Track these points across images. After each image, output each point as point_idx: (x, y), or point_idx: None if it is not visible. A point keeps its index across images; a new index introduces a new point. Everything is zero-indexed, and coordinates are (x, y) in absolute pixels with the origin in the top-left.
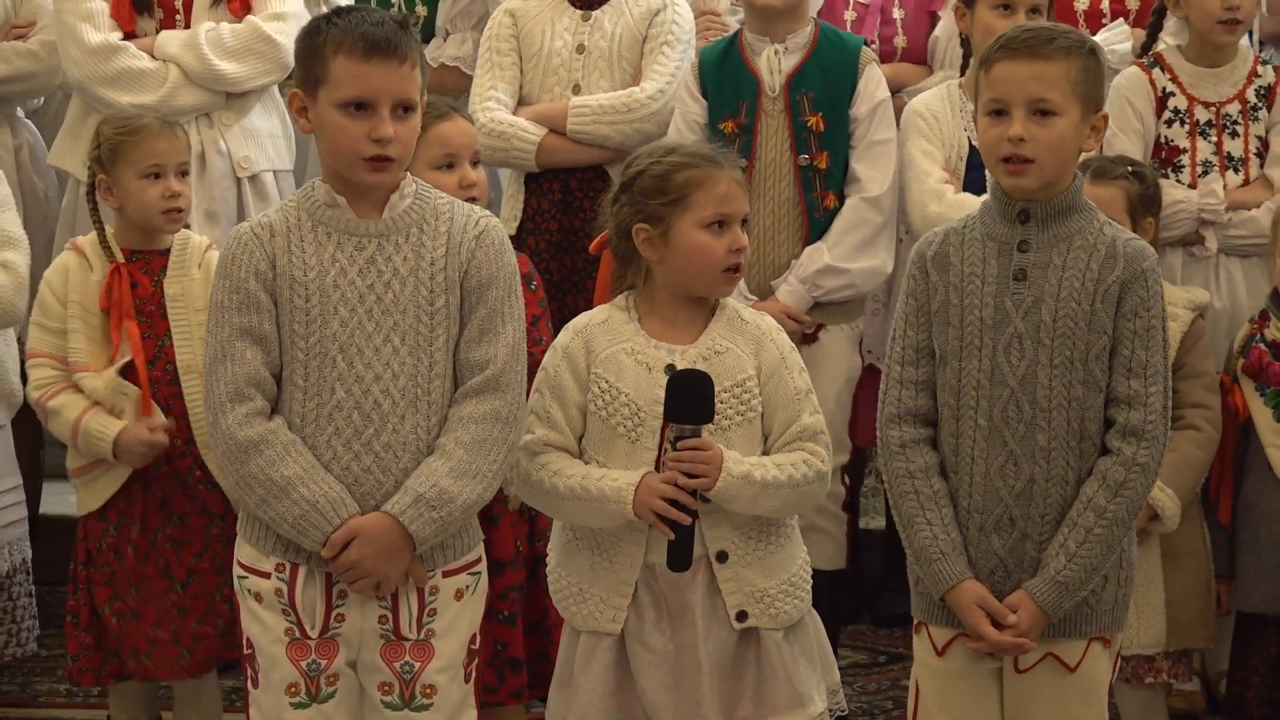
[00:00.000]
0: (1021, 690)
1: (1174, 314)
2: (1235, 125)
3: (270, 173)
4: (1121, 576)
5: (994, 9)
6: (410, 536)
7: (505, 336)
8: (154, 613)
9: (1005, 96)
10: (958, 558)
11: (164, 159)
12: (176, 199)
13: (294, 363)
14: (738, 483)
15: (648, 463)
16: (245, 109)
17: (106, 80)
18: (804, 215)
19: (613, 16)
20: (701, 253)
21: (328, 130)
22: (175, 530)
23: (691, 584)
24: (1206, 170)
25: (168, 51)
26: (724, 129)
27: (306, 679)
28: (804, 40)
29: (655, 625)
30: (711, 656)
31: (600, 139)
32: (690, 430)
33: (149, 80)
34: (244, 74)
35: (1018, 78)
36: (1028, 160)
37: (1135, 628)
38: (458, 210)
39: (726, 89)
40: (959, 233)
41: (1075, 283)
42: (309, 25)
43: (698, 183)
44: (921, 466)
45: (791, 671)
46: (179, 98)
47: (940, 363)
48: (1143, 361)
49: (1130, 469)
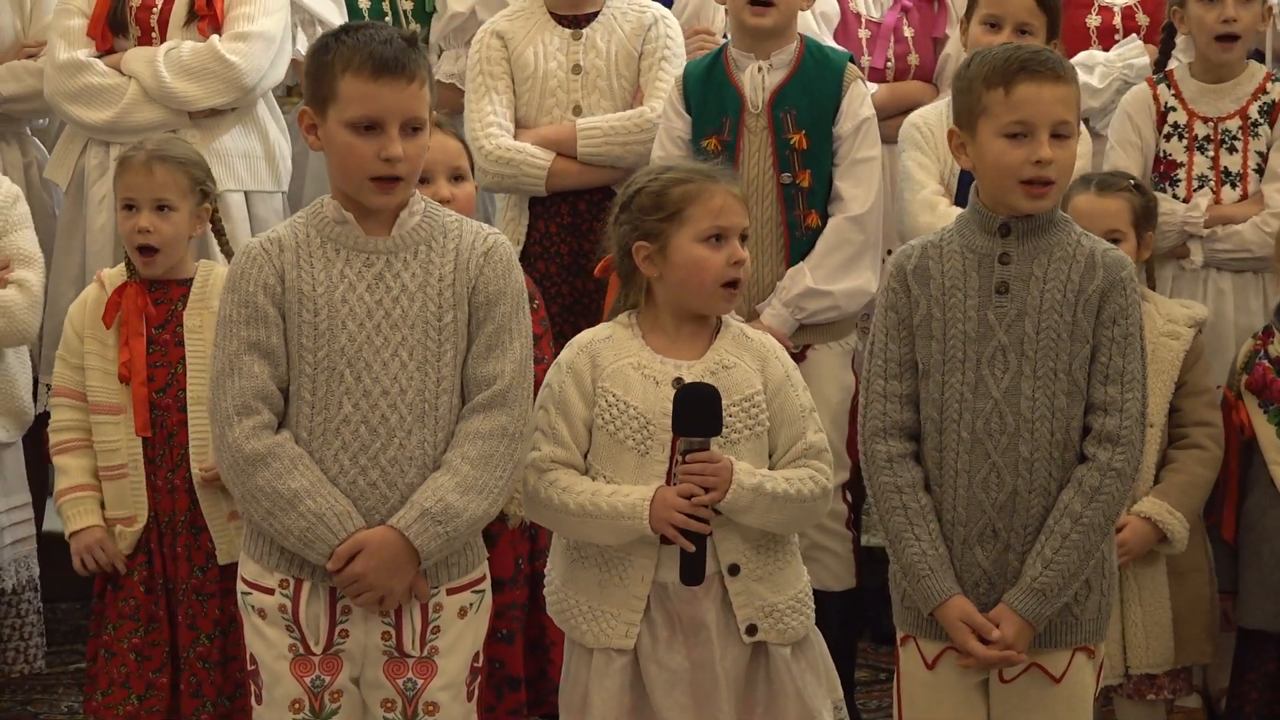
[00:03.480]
0: (1007, 701)
1: (1175, 331)
2: (1234, 141)
3: (239, 193)
4: (1104, 585)
5: (982, 24)
6: (415, 551)
7: (513, 352)
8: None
9: (1032, 119)
10: (945, 573)
11: (136, 193)
12: (145, 235)
13: (301, 377)
14: (749, 494)
15: (657, 476)
16: (215, 129)
17: (70, 95)
18: (785, 234)
19: (604, 34)
20: (698, 266)
21: (336, 149)
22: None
23: (705, 599)
24: (1202, 185)
25: (131, 68)
26: (707, 145)
27: (310, 695)
28: (788, 57)
29: (669, 643)
30: (728, 673)
31: (613, 160)
32: (699, 443)
33: (108, 96)
34: (195, 94)
35: (1044, 100)
36: (1050, 182)
37: (1144, 647)
38: (466, 227)
39: (710, 105)
40: (937, 246)
41: (1057, 294)
42: (318, 43)
43: (693, 197)
44: (908, 481)
45: (801, 687)
46: (135, 114)
47: (923, 376)
48: (1120, 368)
49: (1106, 474)
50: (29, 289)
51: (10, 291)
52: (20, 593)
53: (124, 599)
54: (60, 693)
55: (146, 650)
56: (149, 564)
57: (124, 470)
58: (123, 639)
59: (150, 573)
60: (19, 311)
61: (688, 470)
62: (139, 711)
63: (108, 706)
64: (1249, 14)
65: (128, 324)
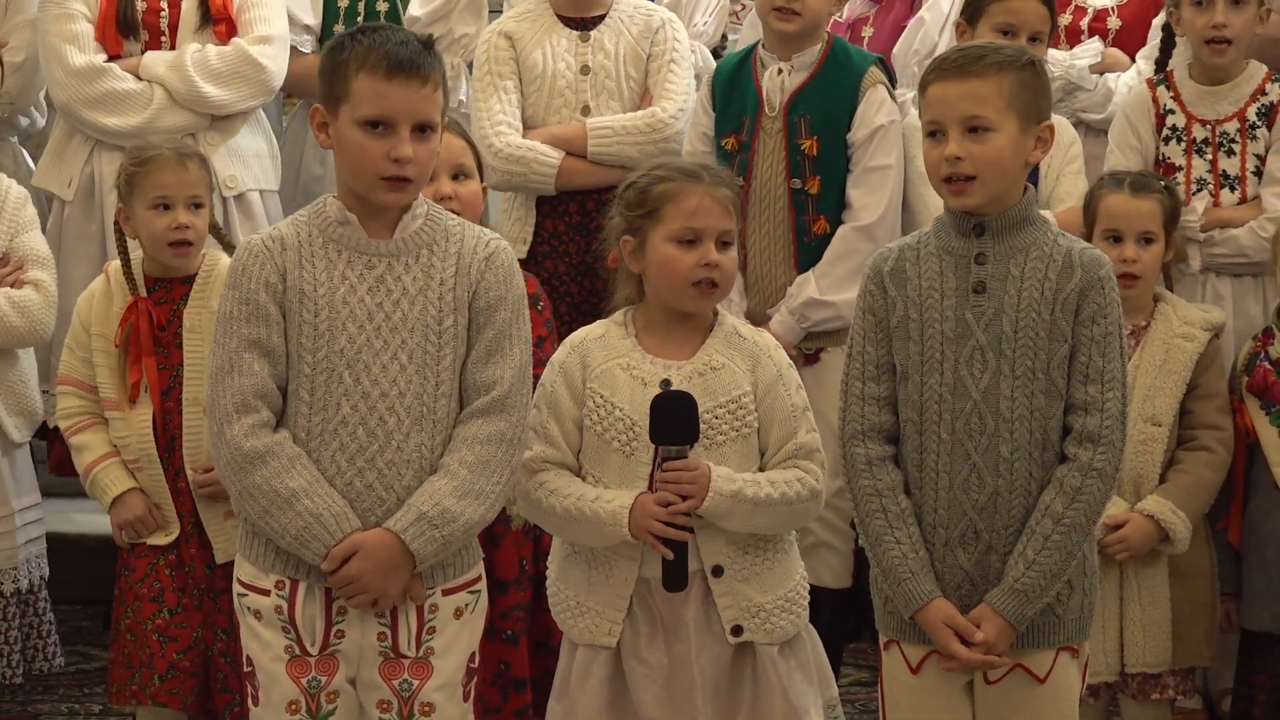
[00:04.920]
0: (993, 703)
1: (1190, 334)
2: (1232, 144)
3: (256, 192)
4: (1086, 585)
5: (995, 32)
6: (411, 554)
7: (512, 358)
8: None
9: (940, 117)
10: (926, 576)
11: (172, 190)
12: (184, 231)
13: (300, 377)
14: (728, 501)
15: (642, 478)
16: (232, 129)
17: (91, 102)
18: (794, 239)
19: (611, 35)
20: (668, 265)
21: (347, 148)
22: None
23: (686, 599)
24: (1200, 188)
25: (154, 73)
26: (725, 145)
27: (307, 696)
28: (811, 60)
29: (650, 640)
30: (706, 671)
31: (624, 160)
32: (676, 451)
33: (133, 102)
34: (229, 97)
35: (949, 98)
36: (969, 178)
37: (1141, 646)
38: (468, 232)
39: (734, 104)
40: (914, 248)
41: (1034, 293)
42: (333, 42)
43: (670, 196)
44: (888, 484)
45: (788, 686)
46: (163, 119)
47: (901, 378)
48: (1099, 368)
49: (1087, 474)
50: (45, 289)
51: (28, 292)
52: (36, 591)
53: (139, 580)
54: (62, 693)
55: (172, 632)
56: (175, 549)
57: (139, 465)
58: (145, 620)
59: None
60: (37, 311)
61: (664, 479)
62: (159, 691)
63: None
64: (1240, 18)
65: (137, 342)
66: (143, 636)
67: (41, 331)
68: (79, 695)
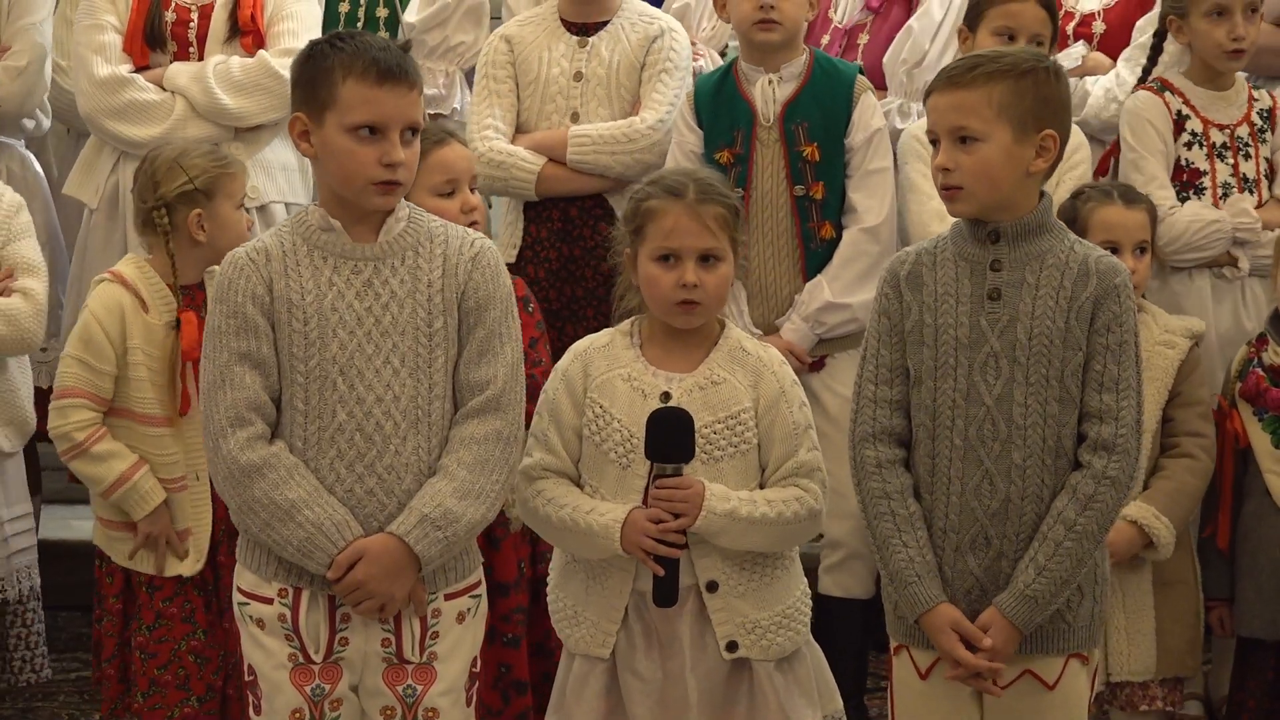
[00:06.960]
0: (1002, 709)
1: (1171, 341)
2: (1247, 147)
3: (281, 204)
4: (1097, 592)
5: (995, 35)
6: (416, 557)
7: (504, 357)
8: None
9: (934, 127)
10: (932, 581)
11: (235, 196)
12: (250, 230)
13: (294, 386)
14: (721, 520)
15: (638, 490)
16: (258, 141)
17: (113, 112)
18: (800, 246)
19: (610, 43)
20: (650, 283)
21: (336, 154)
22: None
23: (680, 613)
24: (1227, 192)
25: (177, 83)
26: (719, 159)
27: (310, 705)
28: (798, 69)
29: (645, 653)
30: (700, 686)
31: (601, 169)
32: (671, 469)
33: (155, 112)
34: (249, 109)
35: (940, 108)
36: (957, 187)
37: (1126, 654)
38: (451, 233)
39: (721, 119)
40: (930, 253)
41: (1049, 300)
42: (311, 49)
43: (651, 214)
44: (897, 488)
45: (785, 701)
46: (185, 130)
47: (915, 383)
48: (1115, 376)
49: (1100, 482)
50: (34, 297)
51: (15, 300)
52: (25, 602)
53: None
54: (61, 700)
55: (206, 652)
56: (209, 565)
57: (183, 483)
58: (178, 640)
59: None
60: (24, 319)
61: (657, 496)
62: (198, 714)
63: (155, 708)
64: (1254, 29)
65: (189, 353)
66: (173, 658)
67: (30, 340)
68: (79, 703)
